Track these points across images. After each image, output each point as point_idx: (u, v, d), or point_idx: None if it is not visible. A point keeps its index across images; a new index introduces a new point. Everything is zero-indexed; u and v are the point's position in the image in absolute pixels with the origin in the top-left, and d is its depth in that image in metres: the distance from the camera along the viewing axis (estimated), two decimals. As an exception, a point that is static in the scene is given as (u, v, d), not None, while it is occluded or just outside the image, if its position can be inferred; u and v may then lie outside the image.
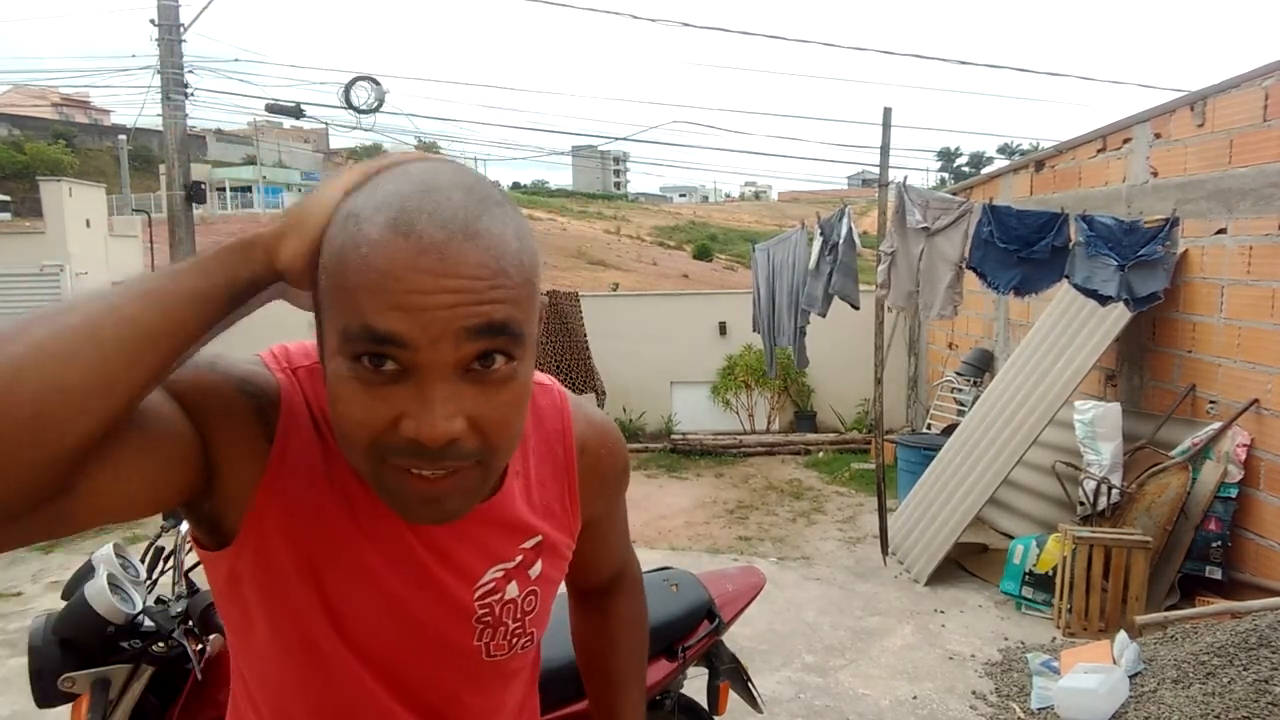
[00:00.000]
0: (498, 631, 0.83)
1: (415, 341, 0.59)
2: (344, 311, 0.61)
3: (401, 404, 0.61)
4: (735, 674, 2.40)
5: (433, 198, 0.61)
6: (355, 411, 0.62)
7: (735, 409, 8.76)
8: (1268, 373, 4.00)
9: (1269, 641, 3.03)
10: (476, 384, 0.63)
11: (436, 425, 0.61)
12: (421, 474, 0.64)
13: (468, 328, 0.60)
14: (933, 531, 4.90)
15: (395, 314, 0.59)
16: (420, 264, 0.59)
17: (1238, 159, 4.22)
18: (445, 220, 0.60)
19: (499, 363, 0.63)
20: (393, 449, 0.63)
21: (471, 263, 0.60)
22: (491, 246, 0.61)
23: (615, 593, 1.10)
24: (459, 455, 0.63)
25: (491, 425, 0.64)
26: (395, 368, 0.61)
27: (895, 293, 4.68)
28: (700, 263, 38.46)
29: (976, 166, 54.17)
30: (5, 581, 4.90)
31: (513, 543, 0.83)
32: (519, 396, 0.66)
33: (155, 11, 10.31)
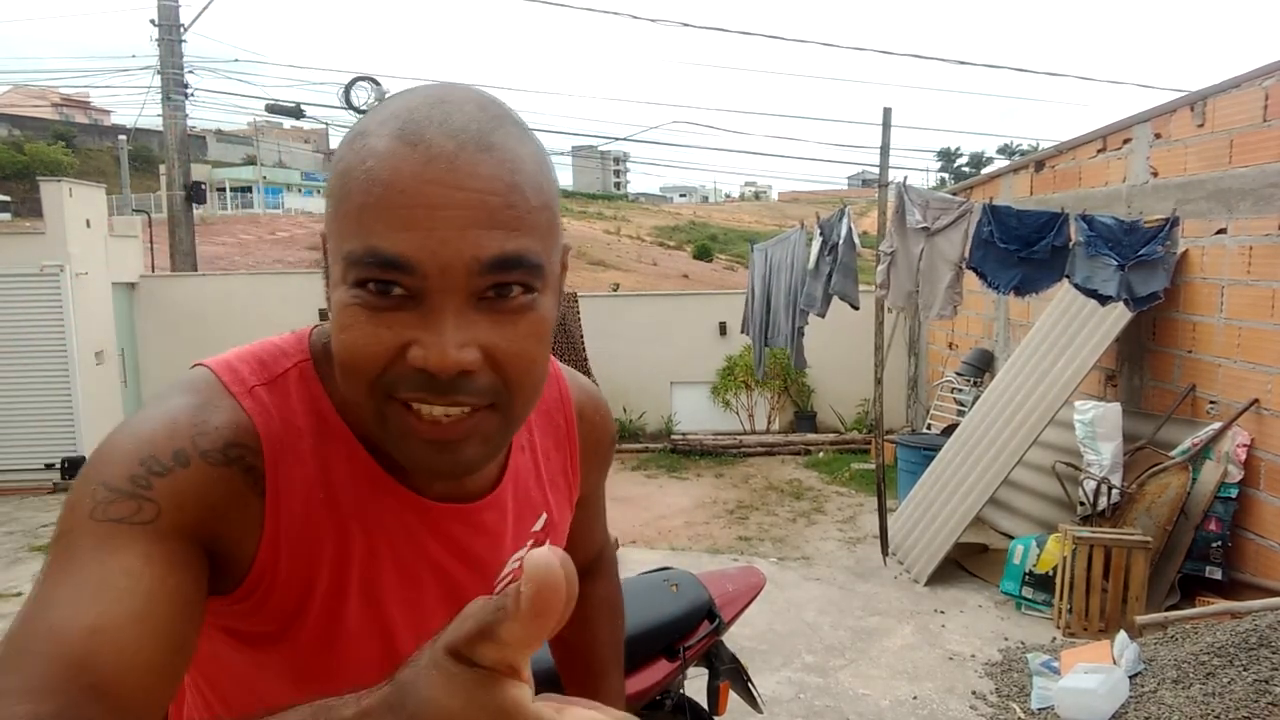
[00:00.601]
0: None
1: (423, 266, 0.54)
2: (348, 235, 0.56)
3: (409, 331, 0.56)
4: (735, 674, 2.40)
5: (444, 108, 0.56)
6: (360, 340, 0.57)
7: (735, 409, 8.76)
8: (1268, 373, 4.00)
9: (1269, 641, 3.03)
10: (491, 313, 0.57)
11: (447, 352, 0.55)
12: (432, 415, 0.58)
13: (481, 259, 0.55)
14: (933, 531, 4.90)
15: (402, 234, 0.54)
16: (428, 173, 0.54)
17: (1238, 159, 4.22)
18: (456, 129, 0.55)
19: (516, 294, 0.58)
20: (400, 380, 0.57)
21: (484, 174, 0.55)
22: (507, 160, 0.56)
23: (593, 576, 1.05)
24: (473, 390, 0.57)
25: (509, 359, 0.58)
26: (402, 293, 0.56)
27: (895, 293, 4.68)
28: (700, 263, 38.47)
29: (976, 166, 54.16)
30: (5, 581, 4.90)
31: (526, 525, 0.78)
32: (539, 330, 0.60)
33: (155, 11, 10.32)
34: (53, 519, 5.99)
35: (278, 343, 0.69)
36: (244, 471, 0.62)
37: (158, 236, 11.80)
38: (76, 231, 7.23)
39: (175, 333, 8.27)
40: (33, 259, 7.02)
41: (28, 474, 7.15)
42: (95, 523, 0.54)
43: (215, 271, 14.28)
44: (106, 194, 8.34)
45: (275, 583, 0.64)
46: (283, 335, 0.71)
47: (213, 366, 0.66)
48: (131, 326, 8.38)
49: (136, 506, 0.55)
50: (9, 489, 7.03)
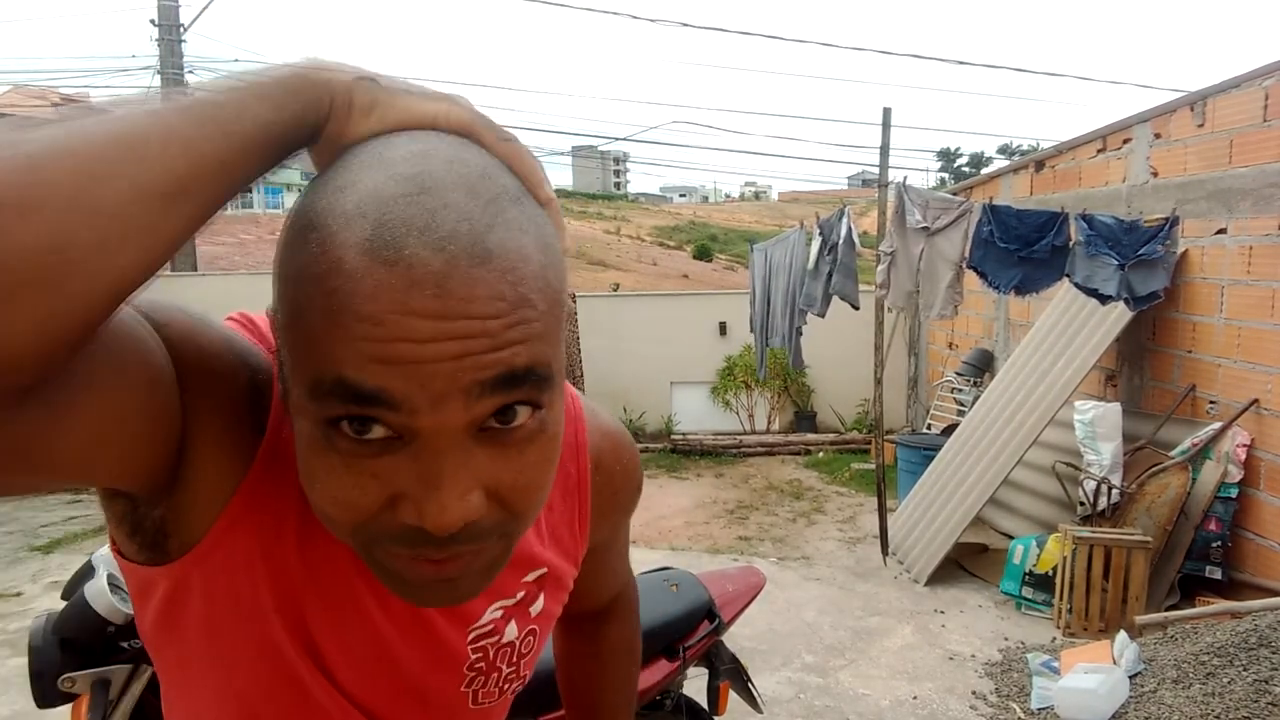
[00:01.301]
0: (489, 679, 0.71)
1: (411, 403, 0.44)
2: (309, 355, 0.45)
3: (397, 481, 0.47)
4: (735, 674, 2.40)
5: (423, 202, 0.44)
6: (336, 491, 0.47)
7: (735, 409, 8.76)
8: (1268, 373, 4.00)
9: (1269, 641, 3.03)
10: (494, 445, 0.48)
11: (446, 509, 0.46)
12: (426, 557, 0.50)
13: (481, 380, 0.45)
14: (933, 531, 4.90)
15: (380, 368, 0.43)
16: (412, 304, 0.43)
17: (1238, 159, 4.22)
18: (444, 237, 0.44)
19: (522, 416, 0.48)
20: (388, 535, 0.48)
21: (483, 296, 0.44)
22: (510, 269, 0.45)
23: (609, 618, 0.99)
24: (476, 537, 0.49)
25: (515, 493, 0.49)
26: (386, 433, 0.46)
27: (895, 293, 4.68)
28: (700, 263, 38.50)
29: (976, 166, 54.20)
30: (5, 581, 4.90)
31: (515, 576, 0.70)
32: (549, 453, 0.51)
33: (155, 11, 10.33)
34: (52, 519, 5.99)
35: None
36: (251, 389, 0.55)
37: (158, 236, 11.80)
38: (76, 231, 7.22)
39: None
40: (33, 259, 7.02)
41: (28, 474, 7.14)
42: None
43: (215, 271, 14.29)
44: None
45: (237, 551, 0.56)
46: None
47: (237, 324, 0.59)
48: (131, 326, 8.38)
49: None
50: (9, 489, 7.02)
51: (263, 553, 0.57)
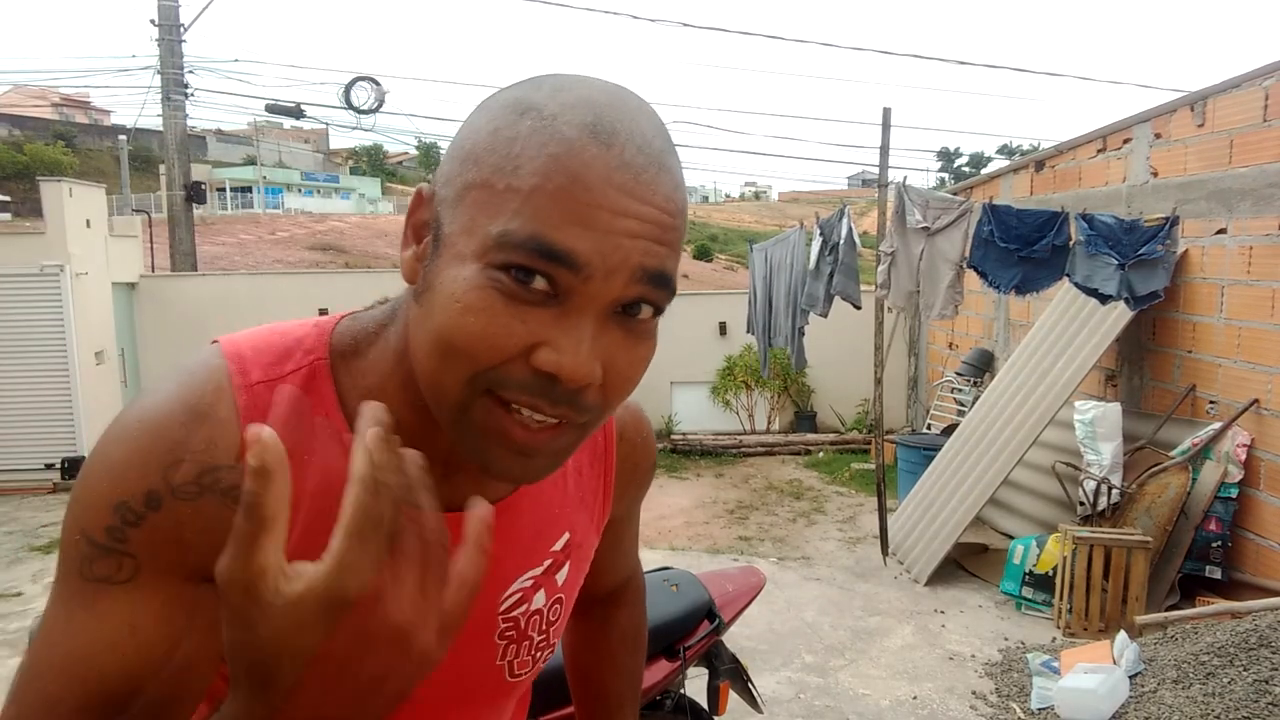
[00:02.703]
0: (521, 647, 0.73)
1: (591, 267, 0.51)
2: (505, 213, 0.51)
3: (544, 331, 0.52)
4: (735, 674, 2.40)
5: (630, 115, 0.54)
6: (489, 328, 0.52)
7: (735, 409, 8.76)
8: (1268, 373, 4.00)
9: (1269, 641, 3.03)
10: (621, 329, 0.55)
11: (582, 363, 0.52)
12: (522, 419, 0.54)
13: (645, 266, 0.53)
14: (933, 531, 4.90)
15: (578, 230, 0.51)
16: (617, 178, 0.51)
17: (1238, 159, 4.22)
18: (644, 143, 0.54)
19: (646, 313, 0.55)
20: (510, 380, 0.53)
21: (664, 195, 0.54)
22: (678, 186, 0.56)
23: (618, 603, 1.02)
24: (583, 406, 0.55)
25: (619, 379, 0.56)
26: (546, 289, 0.52)
27: (895, 293, 4.68)
28: (700, 263, 38.48)
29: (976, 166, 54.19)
30: (5, 581, 4.90)
31: (543, 544, 0.73)
32: (651, 353, 0.58)
33: (155, 11, 10.32)
34: (53, 519, 5.99)
35: (299, 335, 0.64)
36: (221, 494, 0.58)
37: (158, 236, 11.81)
38: (76, 231, 7.23)
39: (175, 333, 8.26)
40: (33, 259, 7.02)
41: (28, 474, 7.15)
42: (84, 581, 0.57)
43: (215, 271, 14.29)
44: (106, 194, 8.34)
45: None
46: (304, 324, 0.65)
47: (225, 352, 0.62)
48: (131, 326, 8.38)
49: (117, 564, 0.56)
50: (9, 489, 7.03)
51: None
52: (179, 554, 0.57)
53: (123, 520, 0.56)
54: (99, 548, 0.56)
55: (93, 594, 0.56)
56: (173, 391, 0.59)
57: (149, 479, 0.56)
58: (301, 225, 36.06)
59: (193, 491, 0.57)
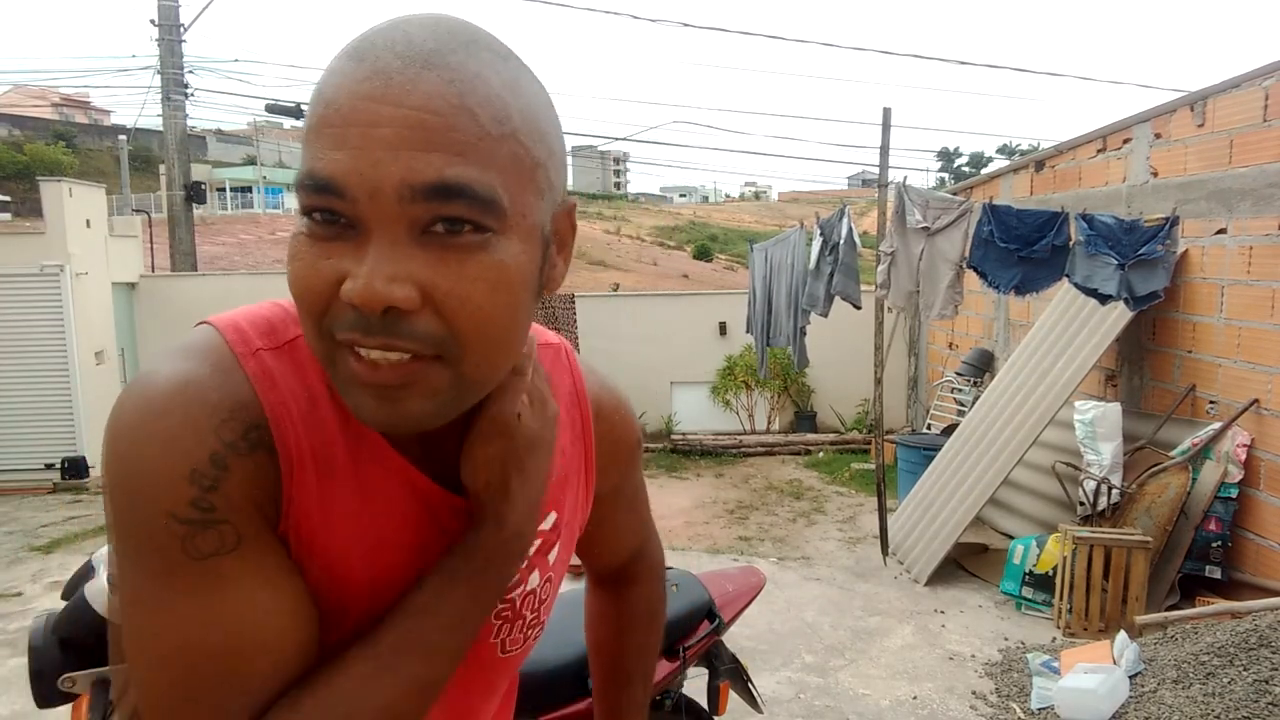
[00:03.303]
0: (515, 626, 0.75)
1: (352, 189, 0.50)
2: (301, 157, 0.53)
3: (345, 264, 0.52)
4: (735, 674, 2.40)
5: (404, 27, 0.53)
6: (301, 271, 0.53)
7: (735, 409, 8.76)
8: (1268, 373, 4.00)
9: (1269, 641, 3.03)
10: (435, 249, 0.52)
11: (371, 284, 0.50)
12: (369, 357, 0.53)
13: (413, 184, 0.50)
14: (933, 531, 4.90)
15: (334, 154, 0.50)
16: (363, 89, 0.50)
17: (1238, 159, 4.22)
18: (407, 47, 0.51)
19: (466, 232, 0.52)
20: (337, 319, 0.53)
21: (425, 91, 0.50)
22: (458, 79, 0.51)
23: (631, 579, 1.02)
24: (409, 334, 0.52)
25: (452, 302, 0.52)
26: (345, 223, 0.52)
27: (895, 293, 4.68)
28: (700, 263, 38.49)
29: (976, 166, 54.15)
30: (5, 581, 4.90)
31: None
32: (493, 275, 0.54)
33: (155, 11, 10.32)
34: (53, 519, 5.99)
35: (287, 307, 0.64)
36: (268, 452, 0.59)
37: (158, 236, 11.81)
38: (76, 231, 7.23)
39: (175, 333, 8.15)
40: (33, 259, 7.02)
41: (28, 474, 7.15)
42: (193, 562, 0.55)
43: (215, 271, 14.29)
44: (106, 194, 8.34)
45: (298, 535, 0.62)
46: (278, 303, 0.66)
47: (218, 326, 0.61)
48: (131, 326, 8.39)
49: (218, 535, 0.55)
50: (9, 489, 7.03)
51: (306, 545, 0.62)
52: (257, 509, 0.58)
53: (202, 489, 0.55)
54: (193, 523, 0.55)
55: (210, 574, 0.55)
56: (188, 363, 0.58)
57: (207, 443, 0.55)
58: (301, 225, 35.90)
59: (245, 446, 0.57)
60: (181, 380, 0.57)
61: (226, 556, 0.55)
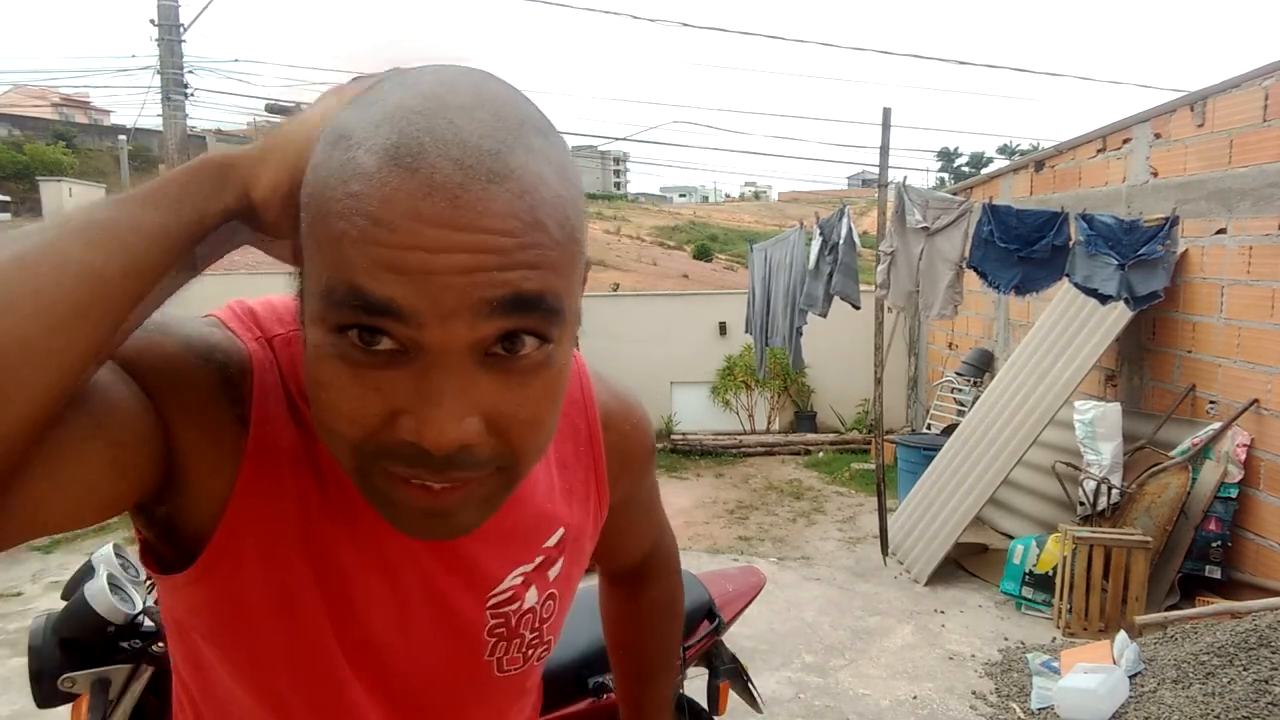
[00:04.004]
0: (511, 644, 0.71)
1: (419, 315, 0.45)
2: (327, 265, 0.46)
3: (399, 396, 0.47)
4: (735, 674, 2.40)
5: (449, 118, 0.45)
6: (339, 402, 0.48)
7: (735, 409, 8.76)
8: (1268, 373, 4.00)
9: (1269, 641, 3.03)
10: (498, 372, 0.48)
11: (445, 429, 0.46)
12: (424, 484, 0.49)
13: (489, 299, 0.45)
14: (933, 531, 4.90)
15: (391, 276, 0.44)
16: (426, 211, 0.43)
17: (1238, 159, 4.22)
18: (464, 151, 0.44)
19: (528, 346, 0.48)
20: (386, 451, 0.48)
21: (497, 213, 0.44)
22: (526, 191, 0.45)
23: (646, 577, 1.00)
24: (472, 464, 0.49)
25: (516, 426, 0.49)
26: (393, 346, 0.46)
27: (895, 293, 4.68)
28: (700, 263, 38.49)
29: (976, 166, 54.14)
30: (5, 581, 4.90)
31: (534, 541, 0.70)
32: (553, 388, 0.51)
33: (155, 11, 10.33)
34: (53, 519, 6.02)
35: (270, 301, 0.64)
36: (225, 385, 0.56)
37: (157, 236, 11.81)
38: (76, 231, 7.22)
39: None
40: (33, 259, 7.01)
41: (28, 474, 7.14)
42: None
43: (214, 271, 14.28)
44: (106, 194, 8.33)
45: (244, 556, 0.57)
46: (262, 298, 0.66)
47: (220, 316, 0.62)
48: (131, 326, 8.38)
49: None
50: (9, 489, 7.02)
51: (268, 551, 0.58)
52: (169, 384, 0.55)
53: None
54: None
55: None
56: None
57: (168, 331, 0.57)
58: (301, 225, 35.91)
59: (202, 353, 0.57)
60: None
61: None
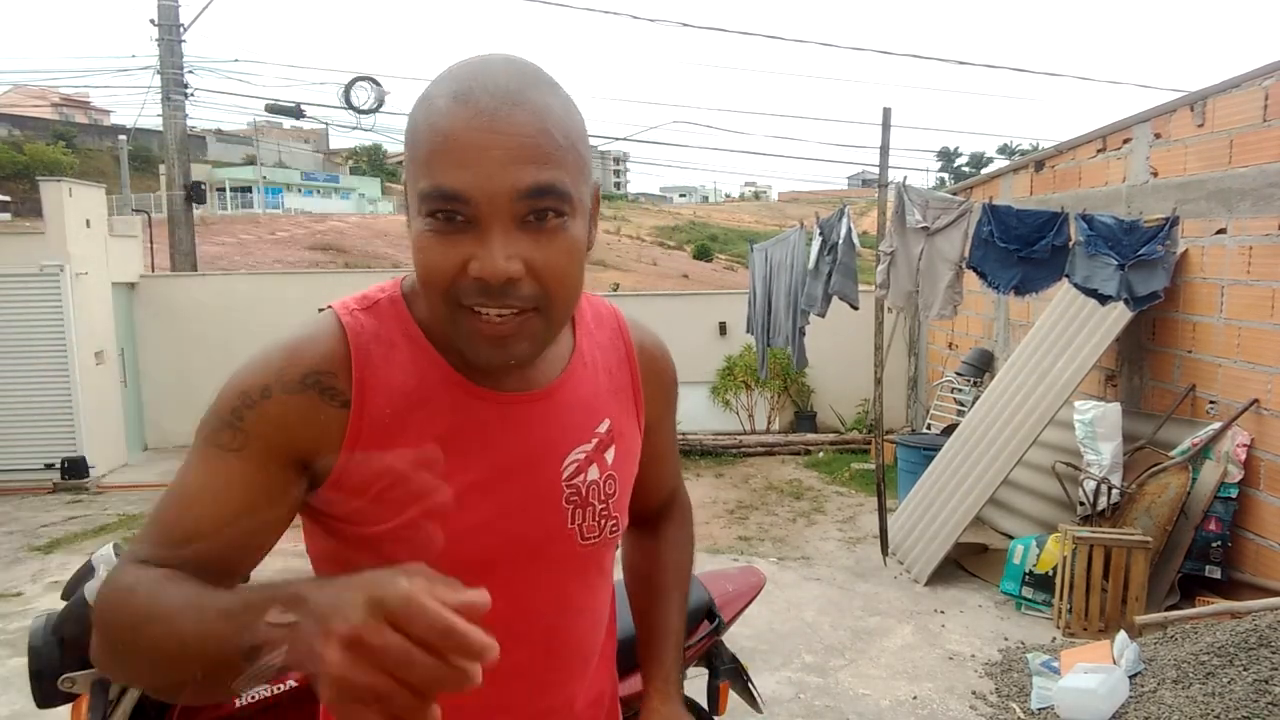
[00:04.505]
0: (586, 512, 0.90)
1: (475, 196, 0.71)
2: (421, 177, 0.73)
3: (469, 249, 0.73)
4: (735, 674, 2.40)
5: (487, 71, 0.74)
6: (433, 258, 0.74)
7: (735, 409, 8.76)
8: (1268, 373, 4.00)
9: (1269, 641, 3.03)
10: (532, 234, 0.74)
11: (497, 263, 0.72)
12: (488, 317, 0.75)
13: (520, 188, 0.71)
14: (933, 531, 4.90)
15: (458, 173, 0.71)
16: (475, 124, 0.71)
17: (1238, 159, 4.22)
18: (496, 89, 0.72)
19: (550, 218, 0.74)
20: (464, 290, 0.74)
21: (518, 122, 0.72)
22: (537, 110, 0.73)
23: (666, 518, 1.17)
24: (519, 296, 0.74)
25: (547, 271, 0.75)
26: (463, 220, 0.73)
27: (895, 293, 4.68)
28: (700, 263, 38.49)
29: (976, 166, 54.11)
30: (5, 581, 4.90)
31: (588, 425, 0.91)
32: (571, 247, 0.76)
33: (155, 11, 10.32)
34: (52, 519, 6.01)
35: (379, 284, 0.89)
36: (321, 392, 0.79)
37: (158, 236, 11.79)
38: (76, 231, 7.22)
39: (175, 333, 8.27)
40: (33, 259, 7.01)
41: (28, 474, 7.14)
42: (208, 446, 0.78)
43: (215, 271, 14.28)
44: (106, 194, 8.33)
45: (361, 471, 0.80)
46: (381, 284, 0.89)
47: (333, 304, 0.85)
48: (131, 326, 8.38)
49: (231, 436, 0.78)
50: (9, 489, 7.03)
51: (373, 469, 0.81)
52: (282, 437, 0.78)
53: (243, 404, 0.78)
54: (224, 422, 0.78)
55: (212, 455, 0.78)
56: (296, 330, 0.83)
57: (267, 377, 0.79)
58: (301, 225, 36.07)
59: (295, 386, 0.78)
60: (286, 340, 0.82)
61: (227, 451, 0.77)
